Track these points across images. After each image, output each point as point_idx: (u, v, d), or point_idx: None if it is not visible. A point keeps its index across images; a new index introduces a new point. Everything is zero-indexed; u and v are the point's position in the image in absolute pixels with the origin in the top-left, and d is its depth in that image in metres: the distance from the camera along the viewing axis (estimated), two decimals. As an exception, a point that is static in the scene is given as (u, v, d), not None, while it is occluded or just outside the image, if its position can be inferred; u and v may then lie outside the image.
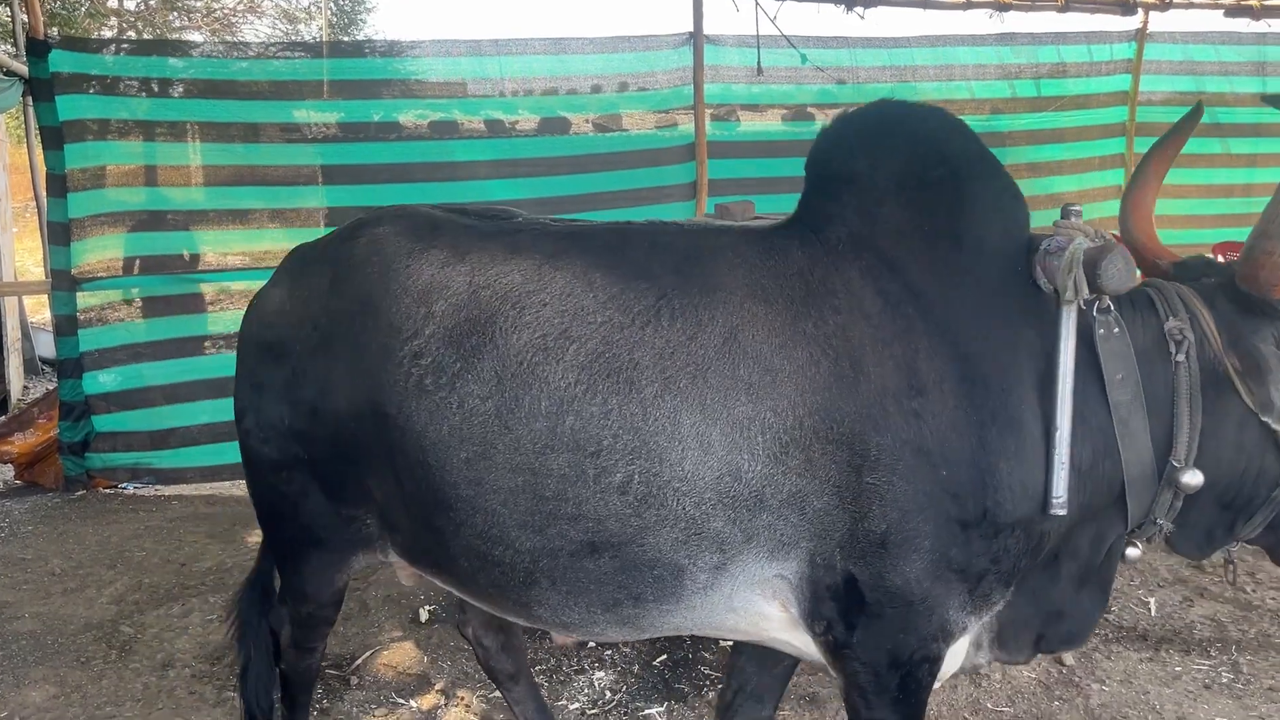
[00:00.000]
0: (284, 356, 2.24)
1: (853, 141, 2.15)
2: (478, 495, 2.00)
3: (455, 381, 2.00)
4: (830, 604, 1.95)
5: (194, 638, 3.67)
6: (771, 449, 1.89)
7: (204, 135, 5.60)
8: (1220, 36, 7.80)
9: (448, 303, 2.06)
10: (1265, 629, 3.56)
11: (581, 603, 2.05)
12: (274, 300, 2.32)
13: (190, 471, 5.56)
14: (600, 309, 1.99)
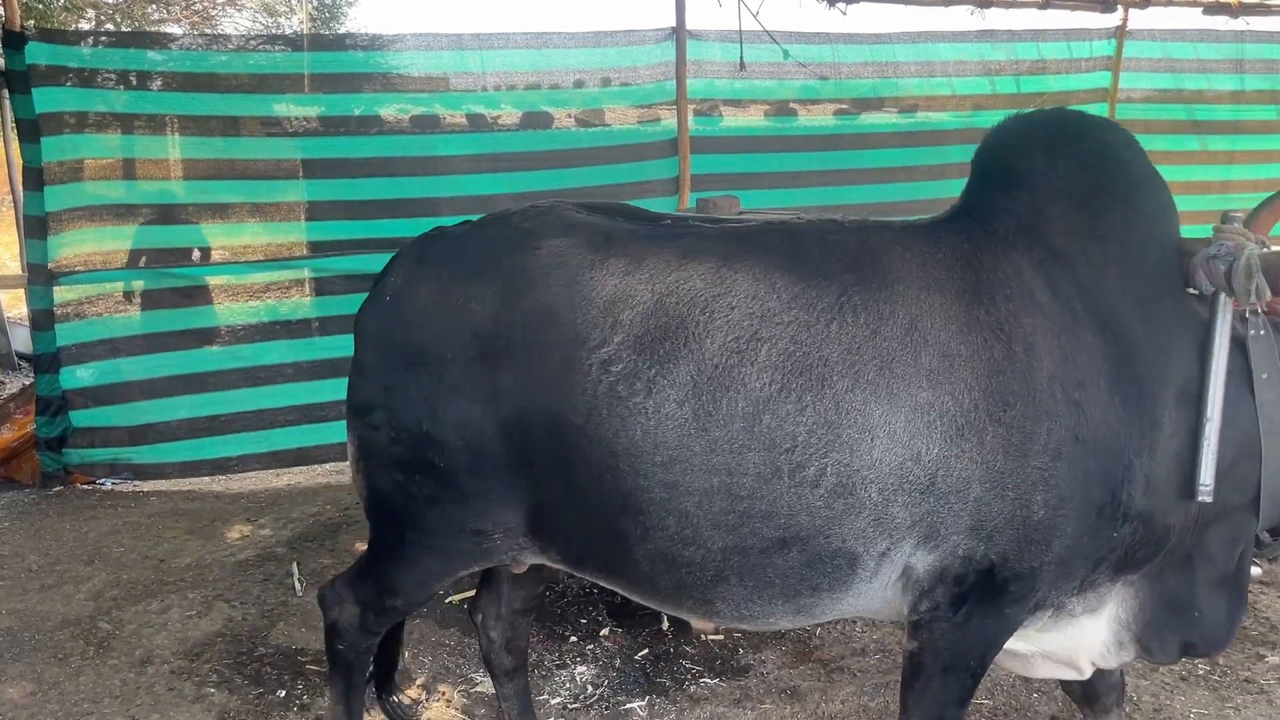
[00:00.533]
0: (429, 362, 2.21)
1: (1031, 142, 2.30)
2: (671, 498, 2.05)
3: (650, 388, 2.05)
4: (949, 587, 2.06)
5: (173, 634, 3.64)
6: (949, 432, 1.99)
7: (183, 128, 5.55)
8: (1198, 34, 7.86)
9: (634, 311, 2.10)
10: (1241, 622, 3.60)
11: (764, 596, 2.12)
12: (417, 302, 2.26)
13: (169, 467, 5.52)
14: (786, 309, 2.07)
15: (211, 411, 5.58)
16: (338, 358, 5.73)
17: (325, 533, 4.64)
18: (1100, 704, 2.69)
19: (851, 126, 7.07)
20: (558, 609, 3.72)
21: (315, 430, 5.74)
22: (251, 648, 3.55)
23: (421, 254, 2.38)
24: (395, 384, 2.27)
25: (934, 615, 2.09)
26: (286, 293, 5.99)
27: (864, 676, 3.20)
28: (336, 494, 5.24)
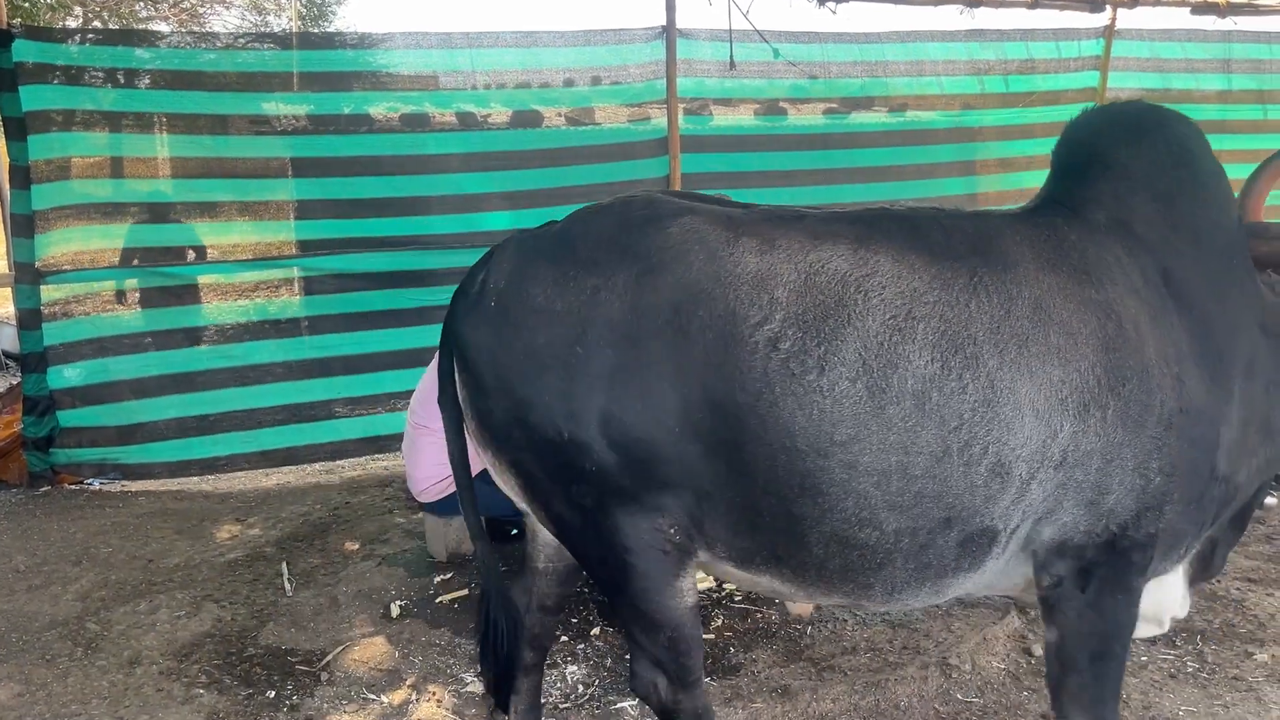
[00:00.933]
0: (557, 361, 2.09)
1: (1112, 134, 2.42)
2: (851, 478, 2.04)
3: (823, 365, 2.04)
4: (1070, 561, 2.14)
5: (161, 635, 3.63)
6: (1077, 408, 2.08)
7: (171, 127, 5.54)
8: (1186, 34, 7.90)
9: (787, 289, 2.08)
10: (1229, 619, 3.61)
11: (919, 577, 2.16)
12: (532, 300, 2.12)
13: (157, 466, 5.50)
14: (929, 289, 2.11)
15: (200, 411, 5.56)
16: (327, 357, 5.73)
17: (314, 532, 4.63)
18: None
19: (841, 125, 7.08)
20: (548, 608, 3.72)
21: (304, 430, 5.73)
22: (241, 648, 3.54)
23: (518, 253, 2.25)
24: (527, 394, 2.12)
25: (1061, 594, 2.16)
26: (275, 292, 5.98)
27: (854, 675, 3.20)
28: (325, 493, 5.22)
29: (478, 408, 2.21)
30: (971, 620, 3.53)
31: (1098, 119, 2.49)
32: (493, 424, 2.19)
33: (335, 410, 5.82)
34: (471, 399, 2.22)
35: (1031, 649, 3.40)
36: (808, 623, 3.54)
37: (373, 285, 5.74)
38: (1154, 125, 2.43)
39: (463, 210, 5.94)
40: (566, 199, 6.08)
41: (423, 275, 5.75)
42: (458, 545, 4.21)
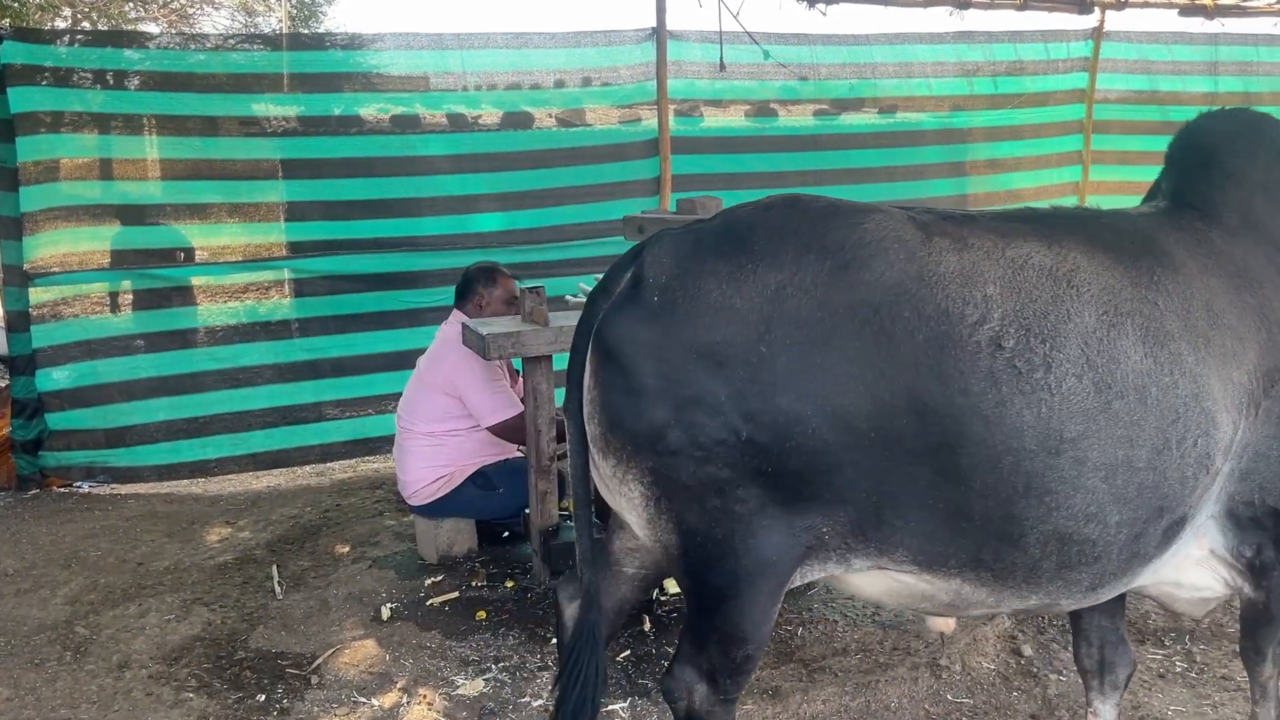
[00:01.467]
0: (737, 361, 1.99)
1: (1236, 140, 2.52)
2: (1080, 474, 2.04)
3: (1049, 362, 2.03)
4: (1254, 533, 2.27)
5: (151, 638, 3.61)
6: (1243, 403, 2.19)
7: (161, 128, 5.52)
8: (1173, 36, 7.94)
9: (997, 287, 2.05)
10: (1218, 619, 3.63)
11: (1122, 569, 2.18)
12: (707, 298, 2.02)
13: (147, 470, 5.49)
14: (1124, 285, 2.15)
15: (190, 414, 5.54)
16: (317, 359, 5.72)
17: (305, 535, 4.62)
18: (1112, 677, 2.72)
19: (831, 127, 7.10)
20: (539, 611, 3.72)
21: (295, 432, 5.72)
22: (231, 651, 3.53)
23: (678, 248, 2.12)
24: (696, 395, 2.00)
25: (1261, 561, 2.31)
26: (266, 293, 5.96)
27: (845, 676, 3.21)
28: (316, 496, 5.21)
29: (625, 410, 2.07)
30: (961, 621, 3.54)
31: (1217, 124, 2.59)
32: (642, 426, 2.05)
33: (325, 412, 5.81)
34: (617, 401, 2.09)
35: (1021, 649, 3.42)
36: (796, 626, 3.54)
37: (363, 287, 5.73)
38: (1270, 131, 2.54)
39: (453, 212, 5.94)
40: (558, 200, 6.09)
41: (413, 277, 5.75)
42: (448, 548, 4.21)
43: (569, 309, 4.09)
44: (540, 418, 3.82)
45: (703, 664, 2.18)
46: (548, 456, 3.85)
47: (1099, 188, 7.71)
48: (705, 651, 2.17)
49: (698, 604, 2.17)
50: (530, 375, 3.81)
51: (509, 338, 3.66)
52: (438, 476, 4.18)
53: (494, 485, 4.22)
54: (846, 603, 3.69)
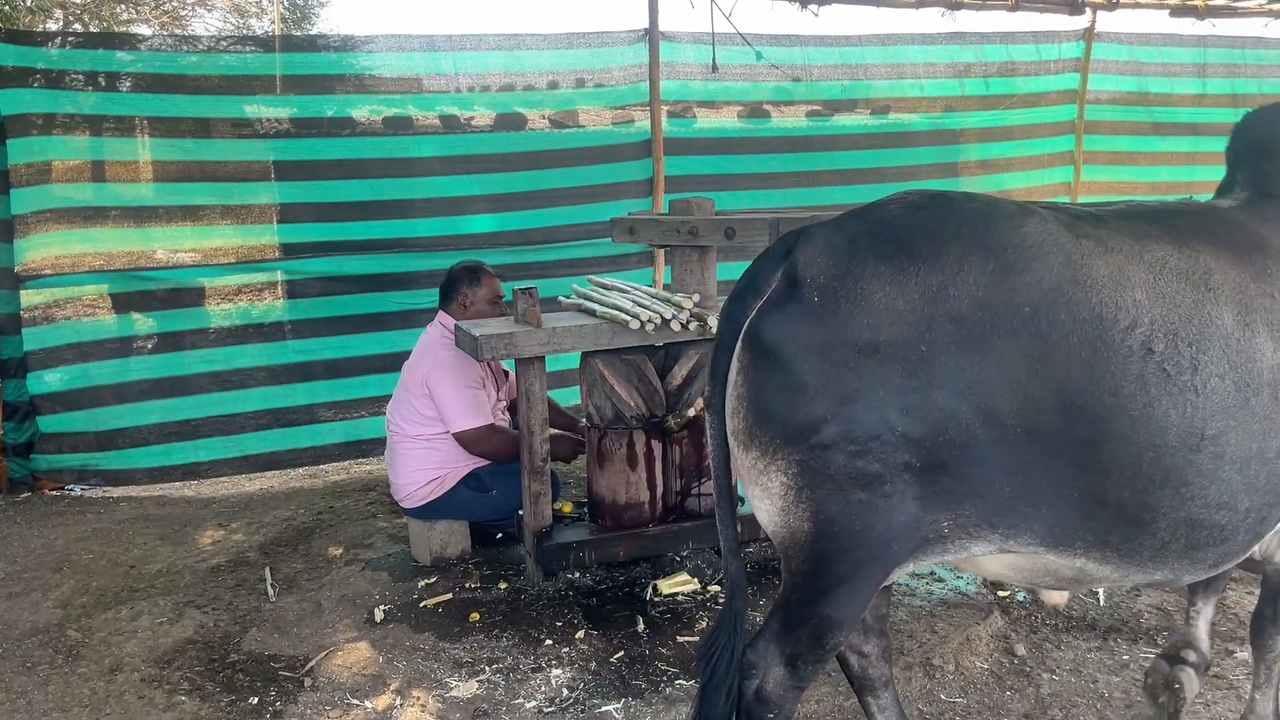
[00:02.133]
0: (897, 359, 2.06)
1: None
2: (1217, 468, 2.14)
3: (1195, 365, 2.12)
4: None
5: (143, 641, 3.61)
6: None
7: (153, 130, 5.50)
8: (1163, 38, 7.98)
9: (1143, 291, 2.14)
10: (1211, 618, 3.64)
11: (1242, 548, 2.29)
12: (870, 297, 2.09)
13: (139, 472, 5.47)
14: (1247, 283, 2.23)
15: (182, 416, 5.53)
16: (310, 360, 5.71)
17: (298, 537, 4.61)
18: (1216, 582, 2.95)
19: (824, 128, 7.11)
20: (533, 612, 3.72)
21: (288, 434, 5.71)
22: (224, 654, 3.52)
23: (832, 247, 2.18)
24: (855, 391, 2.07)
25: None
26: (259, 295, 5.95)
27: (839, 677, 3.20)
28: (309, 498, 5.20)
29: (779, 405, 2.14)
30: (955, 621, 3.55)
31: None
32: (796, 421, 2.12)
33: (319, 414, 5.80)
34: (770, 396, 2.15)
35: (1014, 649, 3.42)
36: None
37: (356, 288, 5.73)
38: None
39: (446, 213, 5.93)
40: (551, 201, 6.09)
41: (406, 278, 5.75)
42: (441, 549, 4.21)
43: (562, 310, 4.09)
44: (533, 419, 3.82)
45: (787, 648, 2.24)
46: (540, 457, 3.85)
47: (1090, 188, 7.75)
48: (794, 635, 2.23)
49: (805, 590, 2.22)
50: (523, 376, 3.81)
51: (502, 339, 3.66)
52: (430, 479, 4.18)
53: (487, 487, 4.22)
54: (840, 603, 3.70)
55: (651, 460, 3.93)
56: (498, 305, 4.31)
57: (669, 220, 4.01)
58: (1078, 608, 3.74)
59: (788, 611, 2.25)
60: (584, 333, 3.77)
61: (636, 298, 3.91)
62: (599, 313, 3.83)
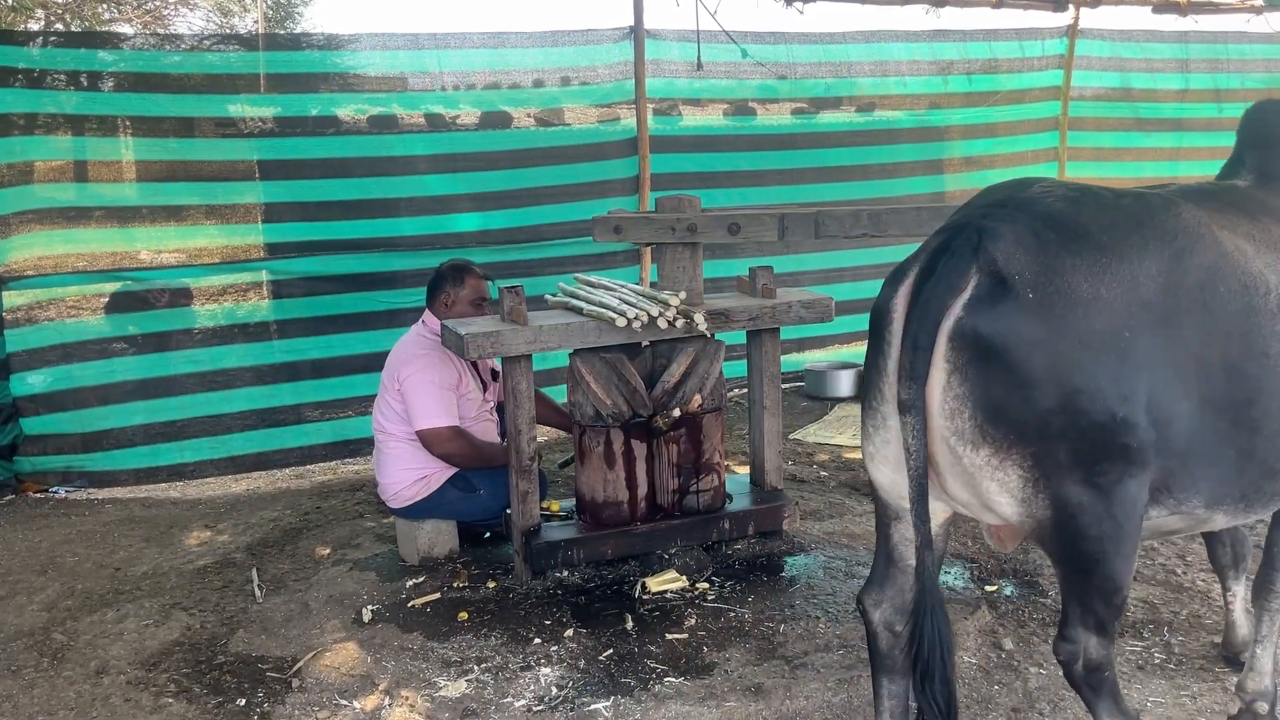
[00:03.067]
0: (1107, 346, 2.21)
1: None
2: None
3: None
4: None
5: (129, 644, 3.59)
6: None
7: (136, 130, 5.47)
8: (1145, 34, 8.02)
9: (1262, 261, 2.44)
10: (1195, 610, 3.66)
11: None
12: (1078, 290, 2.22)
13: (124, 474, 5.44)
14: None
15: (168, 417, 5.50)
16: (296, 360, 5.69)
17: (285, 538, 4.59)
18: (1244, 564, 3.20)
19: (809, 125, 7.13)
20: (521, 611, 3.71)
21: (274, 434, 5.69)
22: (210, 656, 3.51)
23: (1024, 244, 2.28)
24: (1078, 381, 2.20)
25: None
26: (244, 296, 5.92)
27: (827, 672, 3.22)
28: (296, 498, 5.18)
29: (1012, 402, 2.23)
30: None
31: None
32: (1031, 416, 2.23)
33: (305, 414, 5.78)
34: (1001, 394, 2.23)
35: (1001, 643, 3.44)
36: (779, 623, 3.55)
37: (342, 288, 5.71)
38: None
39: (432, 212, 5.92)
40: (536, 200, 6.09)
41: (392, 277, 5.73)
42: (429, 549, 4.20)
43: (548, 308, 4.09)
44: (520, 417, 3.82)
45: (1090, 620, 2.41)
46: (528, 456, 3.85)
47: (1075, 184, 7.77)
48: (1091, 608, 2.40)
49: (1076, 567, 2.39)
50: (510, 375, 3.80)
51: (488, 337, 3.65)
52: (416, 478, 4.17)
53: (474, 487, 4.21)
54: (828, 599, 3.71)
55: (631, 459, 3.92)
56: (481, 306, 4.30)
57: (661, 218, 4.00)
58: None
59: (1075, 592, 2.42)
60: (570, 331, 3.76)
61: (623, 295, 3.91)
62: (585, 311, 3.82)
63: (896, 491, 2.49)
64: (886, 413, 2.41)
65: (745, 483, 4.38)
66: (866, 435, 2.52)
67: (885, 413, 2.41)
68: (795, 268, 6.86)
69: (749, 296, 4.15)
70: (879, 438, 2.47)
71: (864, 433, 2.53)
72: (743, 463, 5.09)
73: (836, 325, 5.22)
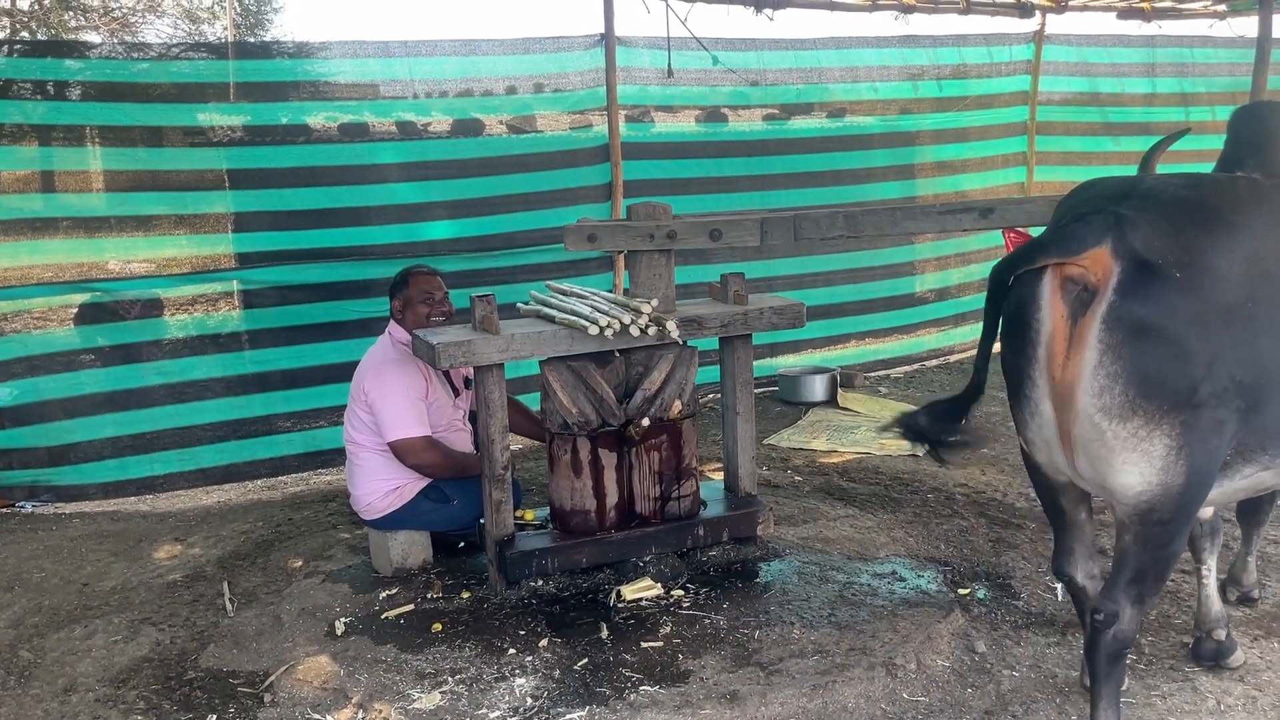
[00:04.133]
0: (1239, 316, 2.50)
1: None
2: None
3: None
4: None
5: (97, 660, 3.54)
6: None
7: (104, 139, 5.42)
8: (1112, 39, 8.11)
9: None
10: (1165, 610, 3.70)
11: None
12: (1213, 269, 2.49)
13: (92, 487, 5.38)
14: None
15: (137, 429, 5.45)
16: (268, 371, 5.65)
17: (257, 550, 4.55)
18: (1218, 538, 3.36)
19: (780, 131, 7.15)
20: (496, 621, 3.69)
21: (245, 446, 5.64)
22: (181, 671, 3.47)
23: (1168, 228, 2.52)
24: (1217, 350, 2.46)
25: None
26: (214, 306, 5.87)
27: (802, 678, 3.22)
28: (268, 510, 5.14)
29: (1168, 374, 2.45)
30: (916, 620, 3.57)
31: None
32: (1183, 386, 2.46)
33: (277, 425, 5.73)
34: (1156, 368, 2.45)
35: (975, 646, 3.45)
36: (754, 629, 3.55)
37: (313, 297, 5.67)
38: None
39: (404, 220, 5.89)
40: (509, 207, 6.08)
41: (364, 286, 5.70)
42: (403, 560, 4.17)
43: (521, 316, 4.07)
44: (492, 427, 3.80)
45: (1135, 591, 2.65)
46: (501, 465, 3.83)
47: (1044, 188, 7.85)
48: (1143, 579, 2.65)
49: (1161, 537, 2.60)
50: (482, 384, 3.78)
51: (459, 346, 3.64)
52: (389, 489, 4.14)
53: (448, 497, 4.19)
54: (803, 604, 3.71)
55: (598, 468, 3.91)
56: (431, 304, 4.24)
57: (639, 225, 3.99)
58: (1037, 604, 3.79)
59: (1139, 561, 2.64)
60: (542, 339, 3.75)
61: (595, 303, 3.90)
62: (557, 319, 3.81)
63: (1056, 467, 2.76)
64: (1039, 398, 2.61)
65: (720, 489, 4.38)
66: (1023, 423, 2.71)
67: (1037, 398, 2.61)
68: (768, 273, 6.89)
69: (721, 303, 4.15)
70: (1035, 424, 2.66)
71: (1020, 422, 2.73)
72: (717, 469, 5.09)
73: (810, 330, 5.25)
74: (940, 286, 7.99)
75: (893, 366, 7.82)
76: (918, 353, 7.97)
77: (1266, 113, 3.37)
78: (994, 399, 4.51)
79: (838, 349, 7.57)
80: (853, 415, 6.58)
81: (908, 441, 4.29)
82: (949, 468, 5.15)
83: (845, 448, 5.87)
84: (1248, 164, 3.15)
